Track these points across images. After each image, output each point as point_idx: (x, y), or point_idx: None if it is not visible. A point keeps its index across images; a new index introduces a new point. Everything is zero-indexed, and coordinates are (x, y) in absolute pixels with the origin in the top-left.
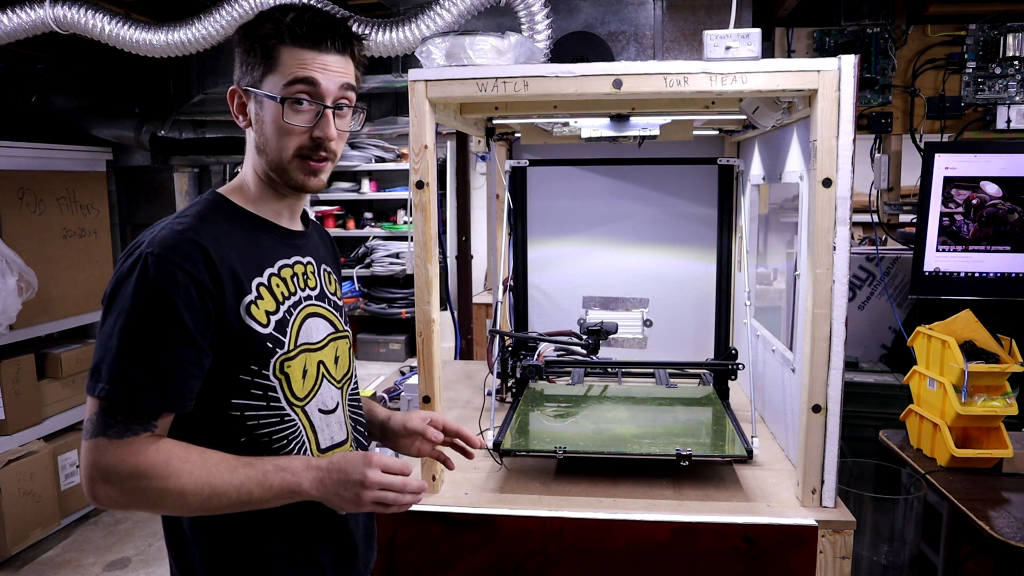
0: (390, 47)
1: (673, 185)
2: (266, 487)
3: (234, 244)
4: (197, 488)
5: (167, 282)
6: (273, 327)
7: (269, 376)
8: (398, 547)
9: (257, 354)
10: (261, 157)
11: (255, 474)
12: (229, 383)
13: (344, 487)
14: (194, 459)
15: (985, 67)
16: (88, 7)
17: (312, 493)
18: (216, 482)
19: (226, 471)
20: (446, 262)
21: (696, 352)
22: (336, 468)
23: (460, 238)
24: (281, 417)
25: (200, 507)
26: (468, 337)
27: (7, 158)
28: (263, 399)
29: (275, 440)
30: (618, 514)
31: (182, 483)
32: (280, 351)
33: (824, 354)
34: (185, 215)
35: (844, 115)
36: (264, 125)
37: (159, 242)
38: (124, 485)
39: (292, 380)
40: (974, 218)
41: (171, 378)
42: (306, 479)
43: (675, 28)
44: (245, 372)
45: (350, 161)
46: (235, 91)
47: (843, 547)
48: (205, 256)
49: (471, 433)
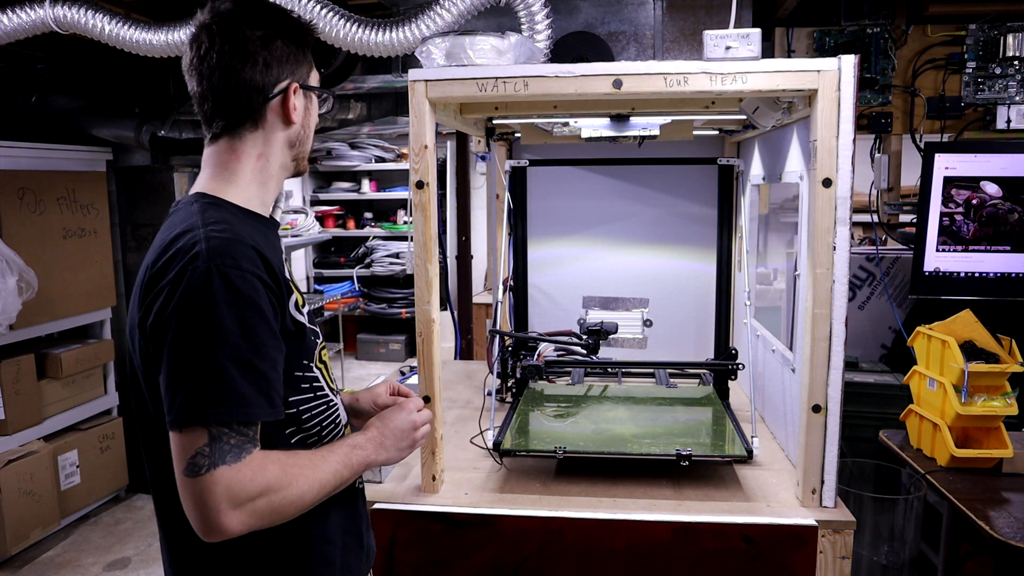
0: (390, 47)
1: (673, 185)
2: (350, 466)
3: (263, 242)
4: (310, 486)
5: (252, 292)
6: (308, 319)
7: (312, 367)
8: (398, 547)
9: (307, 349)
10: (291, 150)
11: (340, 458)
12: (286, 382)
13: (401, 439)
14: (298, 461)
15: (985, 67)
16: (88, 7)
17: (379, 459)
18: (319, 475)
19: (321, 463)
20: (446, 262)
21: (696, 352)
22: (386, 427)
23: (460, 238)
24: (328, 405)
25: (313, 502)
26: (468, 337)
27: (7, 158)
28: (311, 391)
29: (323, 427)
30: (618, 514)
31: (300, 486)
32: (319, 341)
33: (824, 354)
34: (215, 221)
35: (844, 115)
36: (309, 119)
37: (224, 252)
38: (255, 506)
39: (328, 367)
40: (974, 218)
41: (275, 385)
42: (371, 449)
43: (675, 28)
44: (297, 368)
45: (350, 161)
46: (296, 88)
47: (843, 547)
48: (264, 261)
49: None
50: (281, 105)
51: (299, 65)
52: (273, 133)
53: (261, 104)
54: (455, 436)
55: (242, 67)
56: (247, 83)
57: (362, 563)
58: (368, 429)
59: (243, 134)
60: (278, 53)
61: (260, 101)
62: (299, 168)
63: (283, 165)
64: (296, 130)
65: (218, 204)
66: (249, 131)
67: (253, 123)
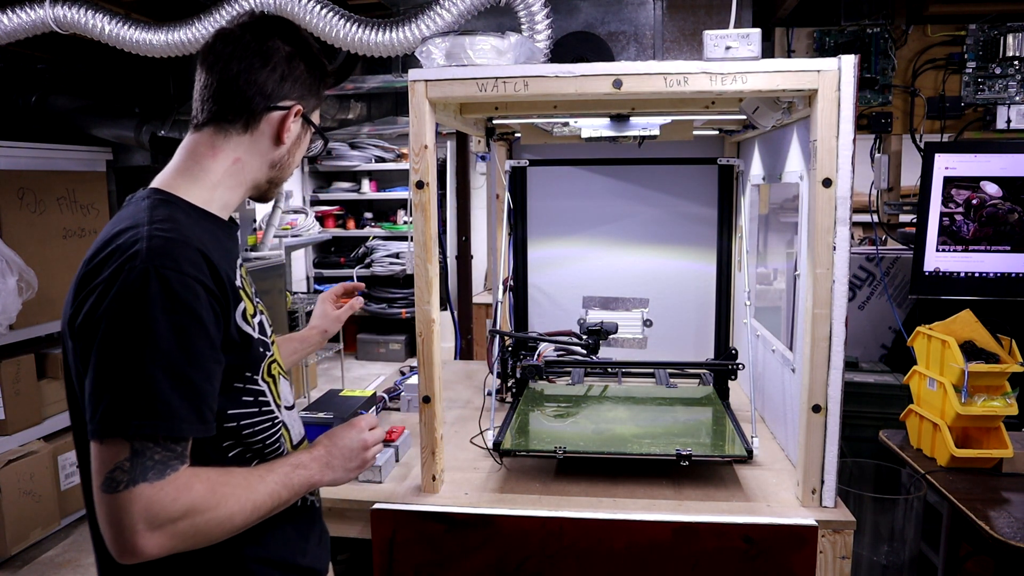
0: (390, 47)
1: (673, 185)
2: (290, 487)
3: (213, 246)
4: (241, 508)
5: (192, 297)
6: (258, 330)
7: (259, 381)
8: (398, 547)
9: (253, 360)
10: (270, 170)
11: (279, 478)
12: (224, 394)
13: (350, 459)
14: (230, 480)
15: (985, 67)
16: (88, 7)
17: (324, 479)
18: (254, 496)
19: (257, 482)
20: (446, 262)
21: (696, 352)
22: (334, 446)
23: (460, 238)
24: (272, 421)
25: (244, 525)
26: (468, 337)
27: (7, 158)
28: (255, 405)
29: (267, 446)
30: (618, 514)
31: (229, 507)
32: (268, 354)
33: (824, 354)
34: (161, 220)
35: (844, 115)
36: (298, 149)
37: (165, 253)
38: (176, 528)
39: (278, 382)
40: (974, 218)
41: (208, 400)
42: (315, 469)
43: (675, 28)
44: (239, 380)
45: (350, 161)
46: (299, 111)
47: (843, 547)
48: (210, 265)
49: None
50: (279, 121)
51: (310, 95)
52: (259, 144)
53: (261, 110)
54: (455, 436)
55: (261, 68)
56: (258, 84)
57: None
58: (315, 447)
59: (230, 132)
60: (296, 73)
61: (261, 107)
62: (268, 193)
63: (256, 180)
64: (282, 152)
65: (171, 202)
66: (238, 132)
67: (244, 125)
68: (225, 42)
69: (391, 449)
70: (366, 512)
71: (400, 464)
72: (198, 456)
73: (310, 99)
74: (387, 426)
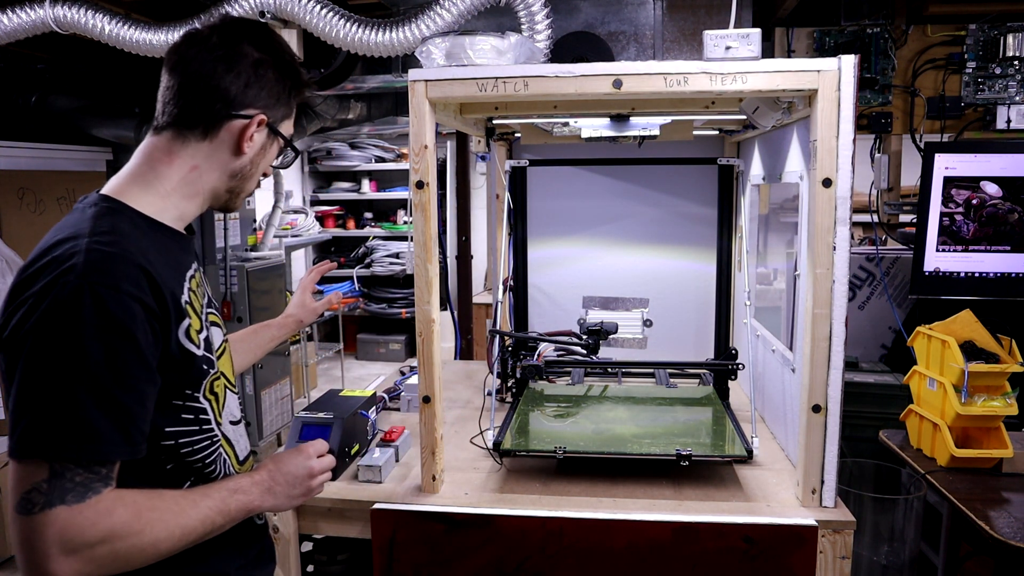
0: (390, 47)
1: (673, 185)
2: (226, 513)
3: (159, 261)
4: (169, 534)
5: (126, 316)
6: (203, 347)
7: (200, 399)
8: (398, 547)
9: (194, 378)
10: (230, 180)
11: (214, 503)
12: (161, 411)
13: (293, 486)
14: (159, 504)
15: (985, 67)
16: (88, 7)
17: (264, 505)
18: (184, 521)
19: (190, 507)
20: (446, 262)
21: (696, 352)
22: (279, 471)
23: (460, 238)
24: (211, 439)
25: (170, 551)
26: (468, 337)
27: (7, 158)
28: (195, 423)
29: (206, 464)
30: (618, 514)
31: (155, 533)
32: (211, 372)
33: (824, 354)
34: (103, 231)
35: (844, 115)
36: (262, 160)
37: (102, 269)
38: (93, 553)
39: (219, 399)
40: (974, 218)
41: (137, 422)
42: (255, 494)
43: (675, 28)
44: (178, 397)
45: (350, 161)
46: (262, 121)
47: (843, 547)
48: (150, 281)
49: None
50: (240, 130)
51: (277, 105)
52: (218, 152)
53: (222, 117)
54: (455, 436)
55: (224, 73)
56: (220, 89)
57: None
58: (259, 471)
59: (188, 138)
60: (264, 81)
61: (222, 114)
62: (231, 204)
63: (215, 190)
64: (243, 163)
65: (118, 211)
66: (196, 138)
67: (204, 132)
68: (191, 43)
69: (391, 449)
70: (366, 512)
71: (400, 464)
72: (133, 474)
73: (278, 109)
74: (386, 426)
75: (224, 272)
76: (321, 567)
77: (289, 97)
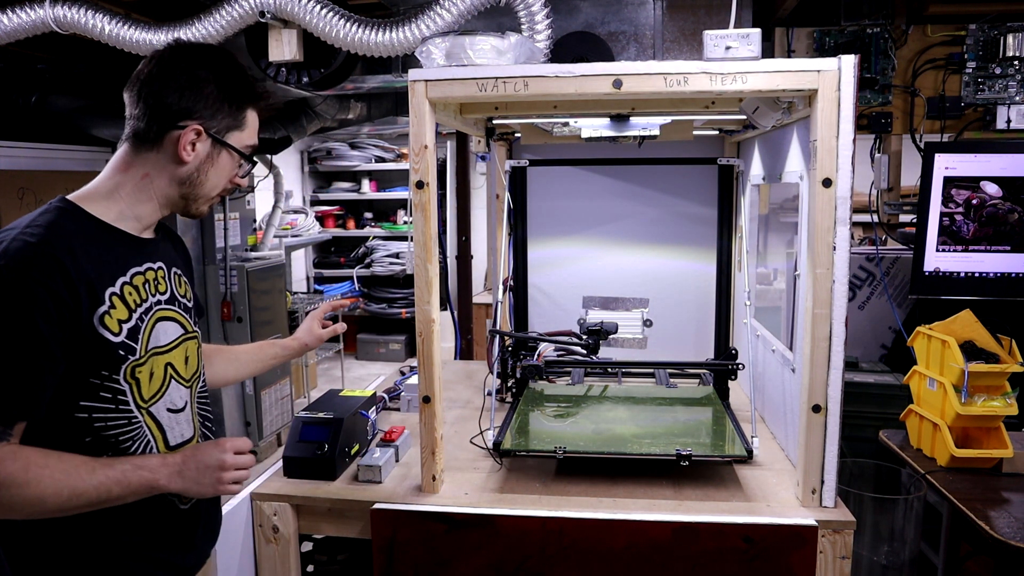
0: (390, 47)
1: (673, 185)
2: (124, 484)
3: (88, 255)
4: (56, 492)
5: (26, 296)
6: (125, 335)
7: (119, 380)
8: (398, 547)
9: (109, 360)
10: (180, 187)
11: (114, 473)
12: (78, 386)
13: (203, 474)
14: (52, 463)
15: (985, 67)
16: (88, 7)
17: (170, 486)
18: (76, 483)
19: (86, 472)
20: (446, 262)
21: (696, 352)
22: (192, 459)
23: (460, 238)
24: (129, 419)
25: (59, 509)
26: (468, 337)
27: (7, 158)
28: (112, 402)
29: (121, 441)
30: (618, 514)
31: (42, 489)
32: (132, 358)
33: (824, 354)
34: (37, 225)
35: (844, 115)
36: (211, 168)
37: (14, 256)
38: None
39: (141, 384)
40: (974, 218)
41: (29, 388)
42: (163, 474)
43: (675, 28)
44: (95, 376)
45: (350, 161)
46: (199, 131)
47: (843, 547)
48: (62, 270)
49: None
50: (177, 140)
51: (221, 116)
52: (164, 161)
53: (164, 128)
54: (455, 436)
55: (168, 89)
56: (163, 104)
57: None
58: (175, 454)
59: (140, 148)
60: (203, 95)
61: (165, 126)
62: (188, 209)
63: (168, 196)
64: (188, 170)
65: (66, 211)
66: (146, 149)
67: (152, 143)
68: (149, 61)
69: (391, 449)
70: (366, 512)
71: (400, 464)
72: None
73: (222, 120)
74: (386, 426)
75: (224, 272)
76: (321, 567)
77: (233, 109)
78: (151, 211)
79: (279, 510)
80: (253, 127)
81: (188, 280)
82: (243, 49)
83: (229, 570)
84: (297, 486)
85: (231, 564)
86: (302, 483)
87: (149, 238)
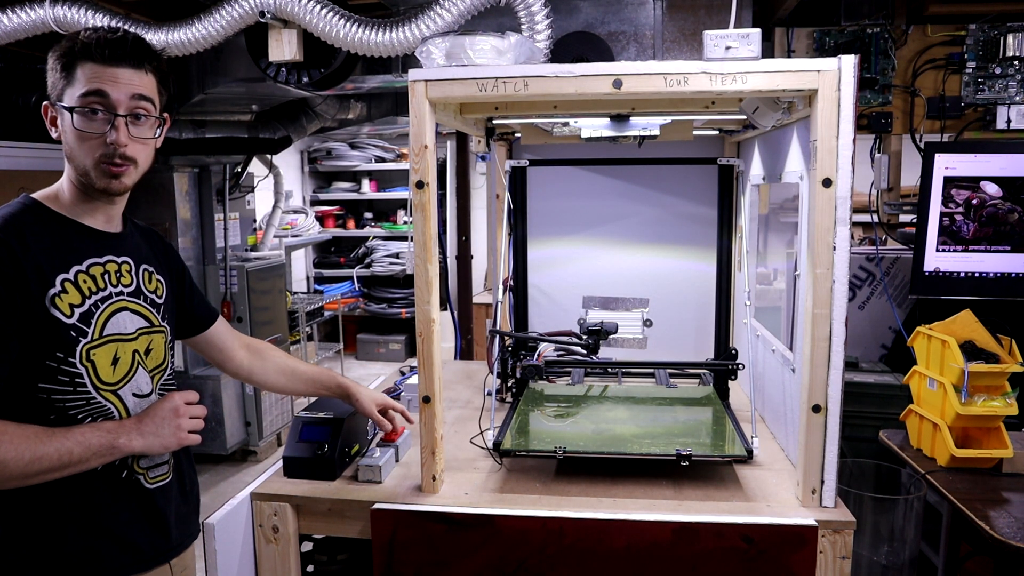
0: (390, 47)
1: (673, 185)
2: (85, 445)
3: (41, 243)
4: (17, 456)
5: None
6: (77, 318)
7: (76, 363)
8: (398, 547)
9: (62, 342)
10: (71, 164)
11: (73, 434)
12: (36, 369)
13: (161, 425)
14: (11, 429)
15: (985, 67)
16: (88, 7)
17: (132, 445)
18: (35, 447)
19: (45, 437)
20: (446, 262)
21: (696, 352)
22: (147, 414)
23: (460, 238)
24: (87, 400)
25: (22, 473)
26: (468, 337)
27: (7, 158)
28: (70, 384)
29: (82, 420)
30: (618, 514)
31: (2, 452)
32: (84, 340)
33: (824, 354)
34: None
35: (844, 115)
36: (67, 135)
37: None
38: None
39: (99, 367)
40: (974, 218)
41: None
42: (121, 433)
43: (675, 28)
44: (51, 359)
45: (350, 161)
46: (46, 106)
47: (843, 547)
48: (9, 252)
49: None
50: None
51: (54, 83)
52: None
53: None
54: (455, 436)
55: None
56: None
57: (124, 562)
58: (130, 418)
59: None
60: (48, 73)
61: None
62: (95, 185)
63: (75, 176)
64: (65, 144)
65: (26, 206)
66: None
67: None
68: None
69: (391, 449)
70: (366, 512)
71: (400, 464)
72: (23, 421)
73: (55, 85)
74: None
75: (224, 272)
76: (321, 567)
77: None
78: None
79: (279, 510)
80: (86, 78)
81: (164, 277)
82: (243, 49)
83: (229, 570)
84: (297, 486)
85: (231, 564)
86: (302, 483)
87: (114, 232)
